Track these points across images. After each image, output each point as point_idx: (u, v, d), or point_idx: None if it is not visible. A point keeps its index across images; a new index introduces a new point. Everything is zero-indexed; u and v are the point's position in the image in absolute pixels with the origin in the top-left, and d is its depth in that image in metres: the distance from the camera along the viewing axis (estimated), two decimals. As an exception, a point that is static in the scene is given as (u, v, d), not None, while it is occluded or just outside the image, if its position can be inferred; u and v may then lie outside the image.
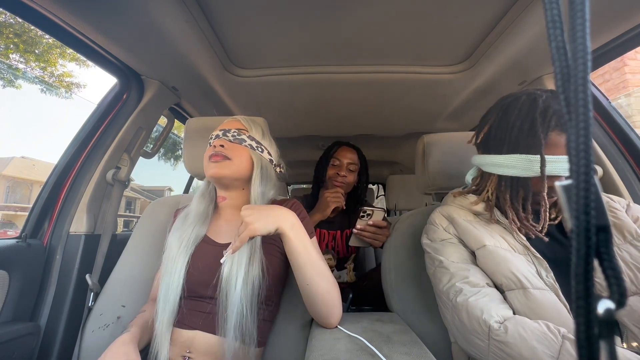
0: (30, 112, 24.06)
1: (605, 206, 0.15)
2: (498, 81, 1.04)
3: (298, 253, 0.59)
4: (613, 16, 0.72)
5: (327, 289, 0.61)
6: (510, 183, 0.61)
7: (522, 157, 0.57)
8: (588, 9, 0.15)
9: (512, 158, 0.59)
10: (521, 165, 0.57)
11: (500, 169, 0.61)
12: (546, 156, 0.54)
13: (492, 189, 0.64)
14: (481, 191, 0.68)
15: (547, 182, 0.56)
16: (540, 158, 0.55)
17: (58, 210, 0.91)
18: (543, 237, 0.60)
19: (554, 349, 0.45)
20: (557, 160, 0.54)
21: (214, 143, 0.72)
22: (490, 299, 0.56)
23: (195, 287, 0.65)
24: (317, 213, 1.15)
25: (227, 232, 0.72)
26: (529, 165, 0.56)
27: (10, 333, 0.74)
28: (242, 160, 0.72)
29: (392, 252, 0.87)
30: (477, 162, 0.69)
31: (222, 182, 0.73)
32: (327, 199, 1.14)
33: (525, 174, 0.57)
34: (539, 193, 0.58)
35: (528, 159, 0.56)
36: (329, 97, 1.20)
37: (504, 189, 0.62)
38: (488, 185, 0.65)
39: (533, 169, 0.56)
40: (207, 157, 0.72)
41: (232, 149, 0.72)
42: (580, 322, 0.15)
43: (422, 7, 0.74)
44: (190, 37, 0.81)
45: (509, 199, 0.61)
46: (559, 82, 0.16)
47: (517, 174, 0.58)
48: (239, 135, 0.73)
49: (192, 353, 0.62)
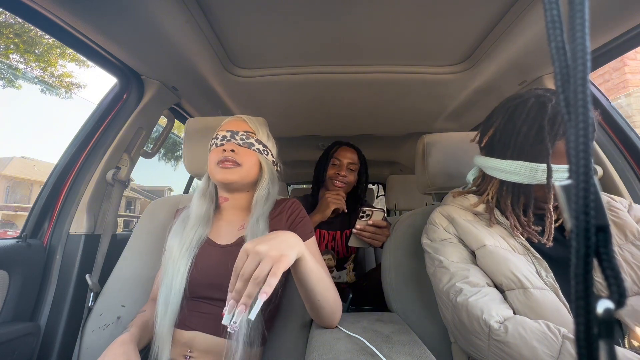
0: (31, 112, 24.06)
1: (605, 206, 0.15)
2: (498, 81, 1.04)
3: (311, 272, 0.55)
4: (613, 16, 0.72)
5: (333, 299, 0.61)
6: (512, 189, 0.60)
7: (527, 164, 0.56)
8: (588, 9, 0.15)
9: (516, 165, 0.57)
10: (525, 172, 0.56)
11: (503, 174, 0.60)
12: (553, 165, 0.53)
13: (493, 192, 0.64)
14: (482, 192, 0.68)
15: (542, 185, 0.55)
16: (546, 168, 0.53)
17: (58, 210, 0.91)
18: (547, 243, 0.59)
19: (554, 348, 0.45)
20: (563, 169, 0.53)
21: (224, 147, 0.70)
22: (490, 298, 0.56)
23: (197, 288, 0.65)
24: (318, 214, 1.15)
25: (228, 233, 0.72)
26: (533, 174, 0.55)
27: (10, 333, 0.74)
28: (251, 165, 0.72)
29: (392, 252, 0.87)
30: (479, 164, 0.68)
31: (230, 187, 0.73)
32: (328, 199, 1.14)
33: (528, 181, 0.56)
34: (541, 200, 0.57)
35: (532, 167, 0.55)
36: (329, 97, 1.20)
37: (505, 194, 0.61)
38: (489, 189, 0.65)
39: (537, 177, 0.55)
40: (216, 161, 0.70)
41: (242, 153, 0.71)
42: (580, 322, 0.15)
43: (422, 7, 0.74)
44: (190, 37, 0.81)
45: (510, 204, 0.61)
46: (558, 82, 0.16)
47: (520, 180, 0.57)
48: (247, 139, 0.72)
49: (193, 352, 0.63)
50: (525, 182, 0.56)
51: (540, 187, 0.56)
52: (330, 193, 1.16)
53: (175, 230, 0.71)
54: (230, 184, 0.71)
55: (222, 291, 0.65)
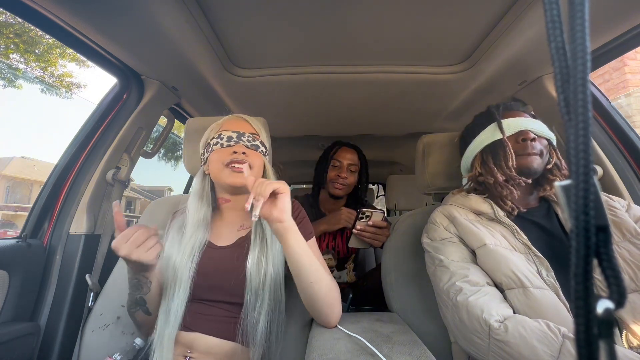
0: (31, 112, 24.06)
1: (605, 206, 0.15)
2: (498, 81, 1.04)
3: (299, 254, 0.57)
4: (613, 16, 0.72)
5: (328, 287, 0.61)
6: (490, 151, 0.72)
7: (488, 128, 0.73)
8: (588, 9, 0.15)
9: (483, 133, 0.74)
10: (489, 132, 0.72)
11: (478, 146, 0.74)
12: (502, 120, 0.71)
13: (478, 164, 0.74)
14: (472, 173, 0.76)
15: (512, 139, 0.69)
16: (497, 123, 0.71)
17: (58, 210, 0.91)
18: (521, 179, 0.67)
19: (554, 348, 0.45)
20: (511, 120, 0.70)
21: (234, 148, 0.68)
22: (490, 297, 0.56)
23: (198, 291, 0.65)
24: (325, 224, 1.13)
25: (227, 234, 0.72)
26: (494, 130, 0.71)
27: (10, 333, 0.74)
28: (259, 168, 0.71)
29: (392, 252, 0.87)
30: (465, 162, 0.80)
31: (239, 190, 0.71)
32: (342, 216, 1.10)
33: (493, 137, 0.71)
34: (520, 152, 0.68)
35: (493, 127, 0.72)
36: (329, 97, 1.20)
37: (486, 157, 0.73)
38: (475, 164, 0.75)
39: (499, 132, 0.70)
40: (223, 162, 0.68)
41: (251, 155, 0.70)
42: (580, 322, 0.15)
43: (422, 7, 0.74)
44: (190, 37, 0.81)
45: (491, 159, 0.71)
46: (558, 83, 0.16)
47: (490, 140, 0.71)
48: (254, 141, 0.71)
49: (193, 353, 0.63)
50: (492, 139, 0.71)
51: (514, 141, 0.69)
52: (347, 210, 1.12)
53: (172, 238, 0.69)
54: (241, 187, 0.68)
55: (222, 293, 0.65)
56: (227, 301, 0.66)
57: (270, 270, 0.64)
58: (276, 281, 0.65)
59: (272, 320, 0.65)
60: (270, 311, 0.64)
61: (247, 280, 0.63)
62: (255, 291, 0.63)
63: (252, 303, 0.62)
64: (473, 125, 0.80)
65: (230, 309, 0.65)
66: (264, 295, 0.63)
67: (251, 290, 0.63)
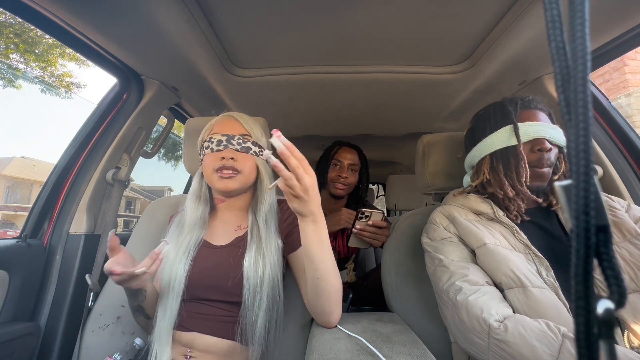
0: (31, 112, 24.06)
1: (605, 206, 0.15)
2: (498, 81, 1.04)
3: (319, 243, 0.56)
4: (613, 16, 0.72)
5: (335, 285, 0.60)
6: (501, 156, 0.67)
7: (503, 129, 0.66)
8: (588, 9, 0.15)
9: (495, 135, 0.67)
10: (504, 136, 0.66)
11: (489, 148, 0.69)
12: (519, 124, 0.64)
13: (487, 169, 0.69)
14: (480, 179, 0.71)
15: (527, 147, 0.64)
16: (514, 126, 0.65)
17: (58, 210, 0.91)
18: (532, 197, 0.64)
19: (554, 347, 0.45)
20: (529, 125, 0.64)
21: (222, 154, 0.68)
22: (490, 297, 0.56)
23: (195, 290, 0.65)
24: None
25: (224, 234, 0.72)
26: (510, 135, 0.65)
27: (10, 333, 0.74)
28: (250, 170, 0.71)
29: (392, 252, 0.87)
30: (469, 160, 0.76)
31: (231, 194, 0.72)
32: (342, 217, 1.10)
33: (508, 142, 0.65)
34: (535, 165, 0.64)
35: (508, 130, 0.66)
36: (329, 97, 1.20)
37: (496, 164, 0.68)
38: (483, 168, 0.70)
39: (513, 137, 0.65)
40: (213, 167, 0.68)
41: (240, 159, 0.69)
42: (580, 322, 0.15)
43: (422, 7, 0.74)
44: (190, 37, 0.81)
45: (502, 169, 0.67)
46: (558, 82, 0.16)
47: (503, 144, 0.66)
48: (244, 143, 0.70)
49: (193, 352, 0.63)
50: (506, 145, 0.65)
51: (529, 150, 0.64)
52: (348, 211, 1.12)
53: (170, 235, 0.70)
54: (232, 192, 0.70)
55: (220, 292, 0.65)
56: (226, 301, 0.66)
57: (267, 270, 0.64)
58: (274, 281, 0.65)
59: (270, 319, 0.65)
60: (269, 310, 0.64)
61: (244, 280, 0.63)
62: (253, 290, 0.63)
63: (250, 302, 0.62)
64: (484, 118, 0.73)
65: (229, 308, 0.66)
66: (262, 295, 0.63)
67: (249, 290, 0.63)
